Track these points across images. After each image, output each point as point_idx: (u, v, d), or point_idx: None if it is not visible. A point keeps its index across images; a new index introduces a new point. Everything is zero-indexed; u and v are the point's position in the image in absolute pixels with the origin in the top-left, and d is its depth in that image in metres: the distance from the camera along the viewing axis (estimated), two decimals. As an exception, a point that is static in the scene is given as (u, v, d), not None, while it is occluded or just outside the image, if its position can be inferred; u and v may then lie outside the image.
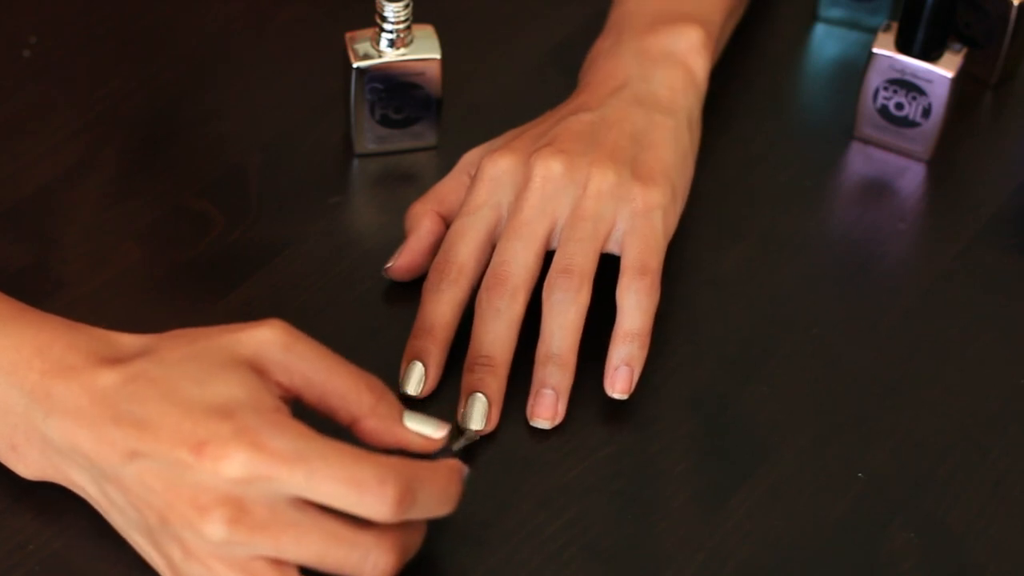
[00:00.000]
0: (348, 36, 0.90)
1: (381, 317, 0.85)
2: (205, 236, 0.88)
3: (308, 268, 0.87)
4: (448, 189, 0.87)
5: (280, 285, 0.87)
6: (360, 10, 0.93)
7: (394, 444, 0.72)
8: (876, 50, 0.93)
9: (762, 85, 0.99)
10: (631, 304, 0.81)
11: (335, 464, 0.67)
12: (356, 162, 0.93)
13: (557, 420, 0.81)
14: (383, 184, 0.93)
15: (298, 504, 0.68)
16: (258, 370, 0.70)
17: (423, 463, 0.70)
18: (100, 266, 0.86)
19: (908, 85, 0.93)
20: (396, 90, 0.90)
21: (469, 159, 0.87)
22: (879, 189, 0.95)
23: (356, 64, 0.89)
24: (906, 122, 0.94)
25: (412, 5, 0.88)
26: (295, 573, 0.69)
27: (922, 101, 0.93)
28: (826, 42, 1.02)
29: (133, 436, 0.68)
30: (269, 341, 0.70)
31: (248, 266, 0.87)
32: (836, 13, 1.03)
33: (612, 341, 0.81)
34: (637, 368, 0.81)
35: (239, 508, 0.67)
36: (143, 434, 0.68)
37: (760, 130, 0.96)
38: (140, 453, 0.68)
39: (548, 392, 0.81)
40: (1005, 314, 0.88)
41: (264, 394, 0.69)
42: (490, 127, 0.89)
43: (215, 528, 0.67)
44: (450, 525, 0.76)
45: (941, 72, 0.92)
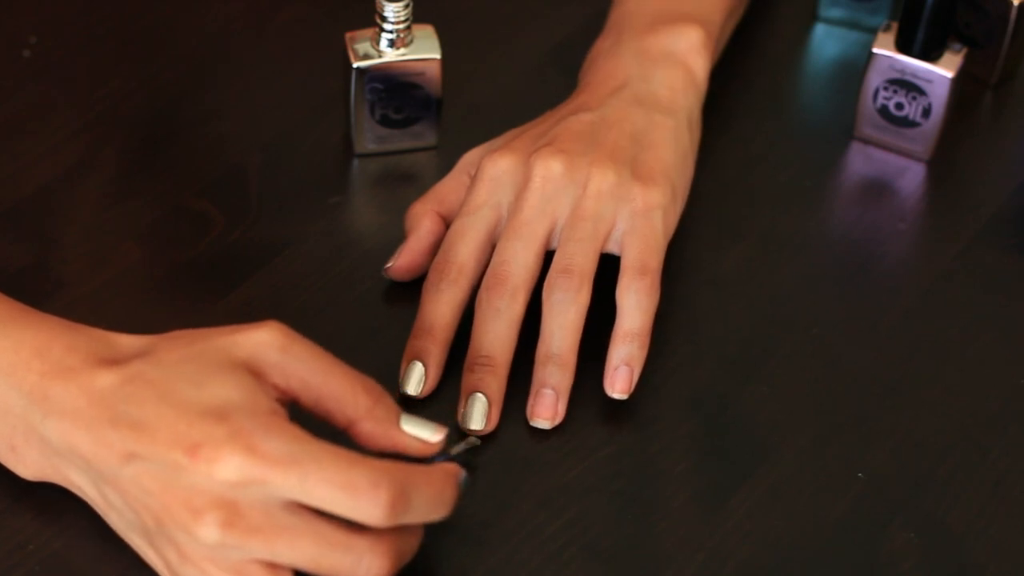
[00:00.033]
0: (348, 36, 0.90)
1: (381, 317, 0.85)
2: (205, 236, 0.88)
3: (308, 268, 0.87)
4: (448, 189, 0.87)
5: (280, 285, 0.87)
6: (360, 10, 0.93)
7: (390, 448, 0.72)
8: (876, 50, 0.93)
9: (762, 85, 0.99)
10: (631, 304, 0.81)
11: (329, 467, 0.67)
12: (356, 162, 0.93)
13: (557, 420, 0.81)
14: (383, 184, 0.93)
15: (292, 508, 0.68)
16: (255, 372, 0.70)
17: (418, 467, 0.70)
18: (100, 266, 0.86)
19: (908, 85, 0.93)
20: (396, 90, 0.90)
21: (469, 159, 0.87)
22: (879, 189, 0.95)
23: (356, 64, 0.89)
24: (906, 122, 0.94)
25: (412, 5, 0.88)
26: None
27: (922, 101, 0.93)
28: (826, 42, 1.02)
29: (130, 438, 0.68)
30: (266, 343, 0.70)
31: (248, 266, 0.87)
32: (836, 13, 1.03)
33: (612, 341, 0.81)
34: (637, 368, 0.81)
35: (233, 511, 0.67)
36: (140, 436, 0.68)
37: (760, 130, 0.96)
38: (137, 455, 0.68)
39: (548, 392, 0.81)
40: (1005, 314, 0.88)
41: (260, 396, 0.69)
42: (490, 127, 0.89)
43: (209, 531, 0.67)
44: (450, 525, 0.76)
45: (941, 72, 0.92)
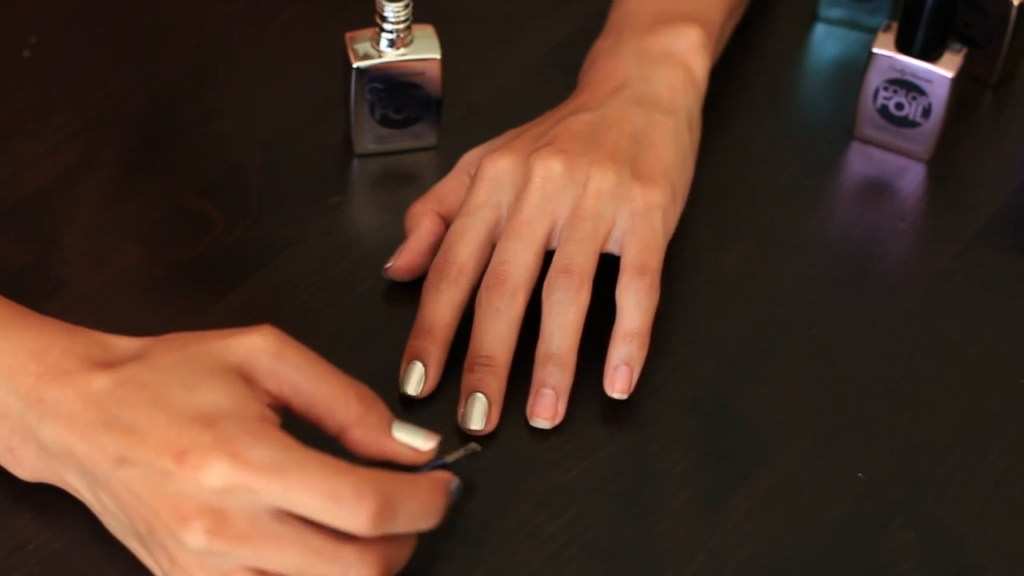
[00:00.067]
0: (348, 36, 0.90)
1: (381, 317, 0.85)
2: (205, 236, 0.88)
3: (308, 268, 0.87)
4: (448, 189, 0.87)
5: (280, 285, 0.87)
6: (360, 10, 0.93)
7: (381, 455, 0.72)
8: (876, 50, 0.93)
9: (762, 85, 0.99)
10: (631, 304, 0.81)
11: (313, 476, 0.67)
12: (356, 162, 0.93)
13: (557, 420, 0.81)
14: (383, 184, 0.93)
15: (280, 516, 0.67)
16: (247, 377, 0.70)
17: (406, 477, 0.70)
18: (100, 266, 0.86)
19: (908, 85, 0.93)
20: (396, 90, 0.90)
21: (469, 159, 0.87)
22: (879, 189, 0.95)
23: (356, 64, 0.89)
24: (906, 122, 0.94)
25: (412, 5, 0.88)
26: None
27: (922, 101, 0.93)
28: (826, 42, 1.02)
29: (122, 442, 0.68)
30: (258, 348, 0.70)
31: (248, 266, 0.87)
32: (836, 13, 1.03)
33: (612, 341, 0.81)
34: (637, 368, 0.81)
35: (219, 519, 0.67)
36: (131, 440, 0.68)
37: (760, 130, 0.96)
38: (128, 460, 0.68)
39: (548, 392, 0.81)
40: (1005, 314, 0.88)
41: (249, 402, 0.69)
42: (490, 127, 0.89)
43: (195, 538, 0.67)
44: (450, 525, 0.76)
45: (941, 72, 0.92)
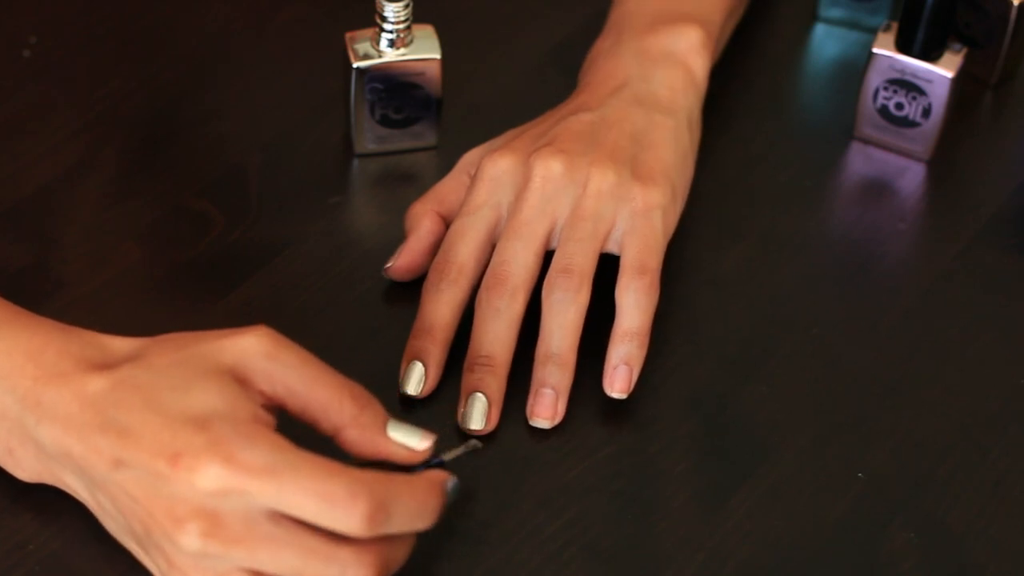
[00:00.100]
0: (348, 36, 0.90)
1: (381, 317, 0.85)
2: (205, 236, 0.88)
3: (308, 268, 0.87)
4: (448, 189, 0.87)
5: (280, 285, 0.87)
6: (360, 10, 0.93)
7: (376, 455, 0.72)
8: (876, 50, 0.93)
9: (762, 85, 0.99)
10: (630, 303, 0.81)
11: (306, 478, 0.67)
12: (356, 162, 0.93)
13: (557, 420, 0.81)
14: (383, 184, 0.93)
15: (275, 517, 0.67)
16: (241, 378, 0.70)
17: (400, 477, 0.69)
18: (100, 266, 0.86)
19: (908, 85, 0.93)
20: (396, 90, 0.90)
21: (469, 159, 0.87)
22: (879, 189, 0.95)
23: (356, 64, 0.89)
24: (906, 122, 0.94)
25: (412, 5, 0.88)
26: None
27: (922, 101, 0.93)
28: (826, 42, 1.02)
29: (117, 444, 0.68)
30: (252, 349, 0.70)
31: (248, 266, 0.87)
32: (836, 13, 1.03)
33: (611, 340, 0.81)
34: (636, 367, 0.81)
35: (213, 521, 0.67)
36: (126, 442, 0.68)
37: (760, 130, 0.96)
38: (123, 462, 0.68)
39: (548, 392, 0.81)
40: (1005, 314, 0.88)
41: (242, 403, 0.69)
42: (490, 127, 0.89)
43: (190, 540, 0.67)
44: (450, 525, 0.76)
45: (941, 72, 0.92)
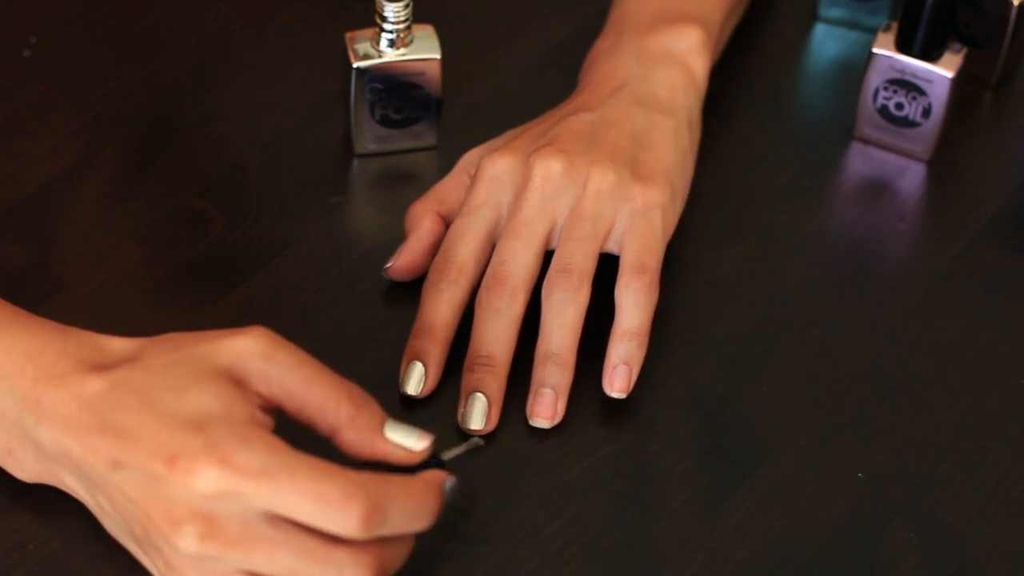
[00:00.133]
0: (348, 36, 0.90)
1: (381, 317, 0.85)
2: (205, 236, 0.88)
3: (308, 268, 0.87)
4: (448, 189, 0.87)
5: (280, 285, 0.87)
6: (360, 10, 0.93)
7: (373, 456, 0.71)
8: (876, 50, 0.93)
9: (762, 85, 0.99)
10: (629, 303, 0.81)
11: (302, 479, 0.67)
12: (356, 162, 0.93)
13: (556, 419, 0.81)
14: (383, 184, 0.93)
15: (271, 519, 0.67)
16: (237, 379, 0.70)
17: (397, 479, 0.69)
18: (100, 266, 0.86)
19: (908, 85, 0.93)
20: (396, 90, 0.90)
21: (469, 159, 0.87)
22: (879, 189, 0.95)
23: (356, 64, 0.89)
24: (906, 122, 0.94)
25: (412, 5, 0.88)
26: None
27: (922, 101, 0.93)
28: (826, 42, 1.02)
29: (115, 446, 0.68)
30: (248, 351, 0.70)
31: (248, 266, 0.87)
32: (836, 13, 1.03)
33: (611, 340, 0.81)
34: (636, 367, 0.81)
35: (210, 523, 0.67)
36: (124, 444, 0.68)
37: (760, 130, 0.96)
38: (121, 463, 0.68)
39: (547, 391, 0.81)
40: (1005, 314, 0.88)
41: (238, 405, 0.69)
42: (490, 127, 0.89)
43: (187, 542, 0.67)
44: (450, 525, 0.76)
45: (941, 72, 0.92)
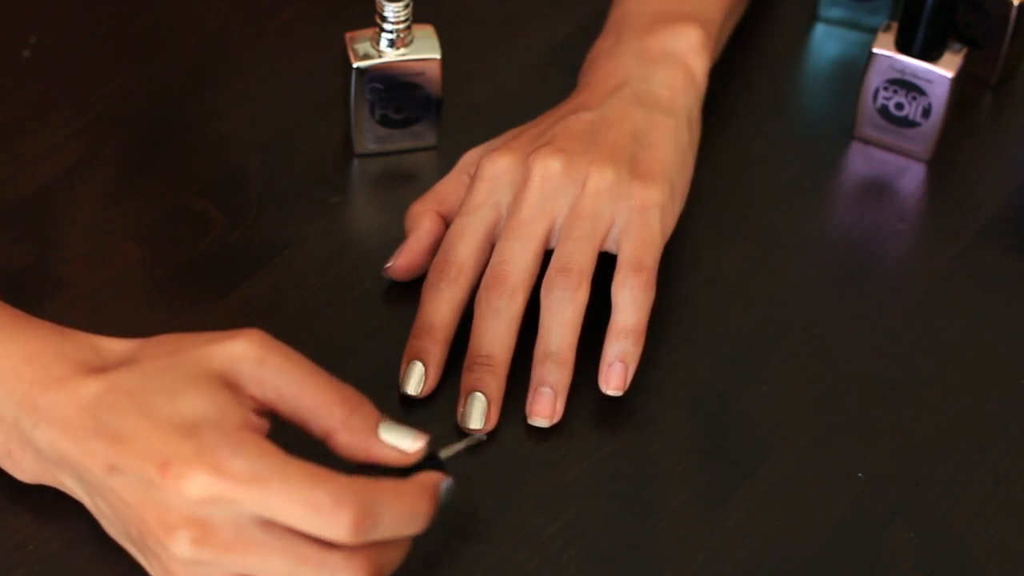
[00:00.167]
0: (348, 36, 0.90)
1: (381, 317, 0.85)
2: (205, 236, 0.88)
3: (308, 268, 0.87)
4: (448, 189, 0.87)
5: (280, 285, 0.87)
6: (360, 10, 0.93)
7: (367, 459, 0.71)
8: (876, 50, 0.93)
9: (762, 85, 0.99)
10: (626, 300, 0.81)
11: (293, 486, 0.67)
12: (356, 162, 0.93)
13: (555, 419, 0.81)
14: (383, 184, 0.93)
15: (265, 524, 0.67)
16: (231, 384, 0.70)
17: (388, 484, 0.69)
18: (100, 266, 0.86)
19: (908, 85, 0.93)
20: (396, 90, 0.90)
21: (469, 159, 0.87)
22: (879, 189, 0.95)
23: (356, 64, 0.89)
24: (906, 122, 0.94)
25: (412, 5, 0.88)
26: None
27: (922, 101, 0.93)
28: (826, 42, 1.02)
29: (111, 449, 0.68)
30: (241, 354, 0.70)
31: (248, 266, 0.87)
32: (836, 13, 1.03)
33: (607, 337, 0.81)
34: (632, 364, 0.81)
35: (204, 528, 0.67)
36: (119, 448, 0.68)
37: (760, 130, 0.96)
38: (117, 467, 0.68)
39: (546, 391, 0.81)
40: (1005, 314, 0.88)
41: (232, 410, 0.69)
42: (490, 127, 0.89)
43: (181, 547, 0.67)
44: (450, 525, 0.76)
45: (941, 72, 0.92)
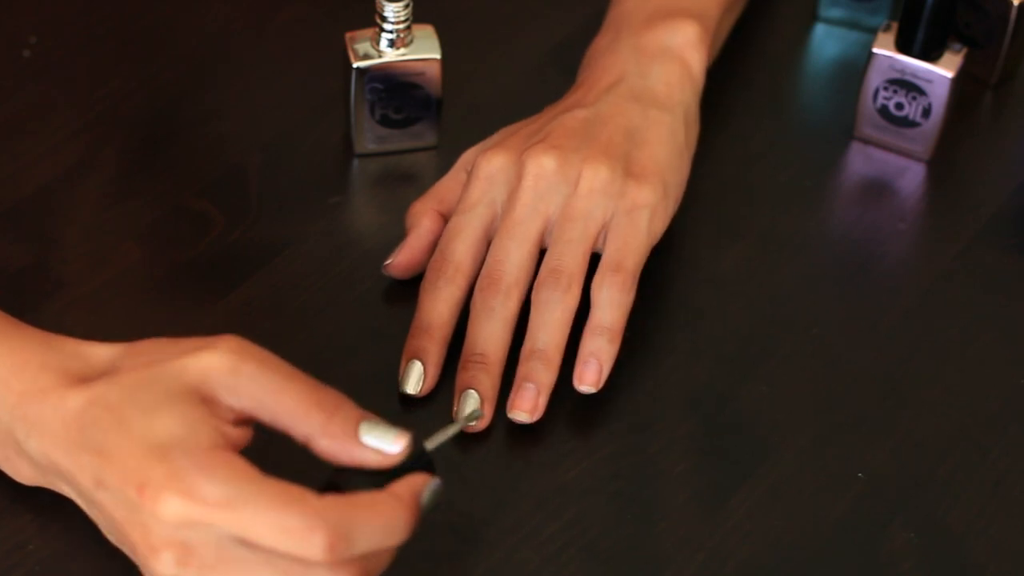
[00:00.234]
0: (348, 36, 0.90)
1: (381, 317, 0.85)
2: (205, 236, 0.88)
3: (308, 268, 0.87)
4: (447, 188, 0.87)
5: (280, 285, 0.87)
6: (360, 10, 0.93)
7: (349, 463, 0.70)
8: (876, 50, 0.93)
9: (762, 84, 0.99)
10: (603, 299, 0.81)
11: (263, 511, 0.66)
12: (356, 162, 0.93)
13: (536, 415, 0.81)
14: (383, 184, 0.93)
15: (245, 542, 0.67)
16: (206, 397, 0.69)
17: (363, 499, 0.68)
18: (100, 266, 0.86)
19: (908, 85, 0.93)
20: (396, 90, 0.90)
21: (467, 157, 0.87)
22: (879, 189, 0.95)
23: (356, 64, 0.89)
24: (906, 122, 0.94)
25: (412, 5, 0.88)
26: None
27: (922, 101, 0.93)
28: (826, 42, 1.02)
29: (96, 464, 0.68)
30: (214, 366, 0.69)
31: (248, 266, 0.87)
32: (836, 13, 1.03)
33: (583, 335, 0.81)
34: (607, 362, 0.81)
35: (185, 550, 0.67)
36: (103, 464, 0.68)
37: (760, 129, 0.96)
38: (103, 483, 0.68)
39: (530, 386, 0.80)
40: (1005, 314, 0.88)
41: (203, 429, 0.68)
42: (490, 127, 0.89)
43: (165, 568, 0.67)
44: (450, 525, 0.76)
45: (941, 72, 0.92)
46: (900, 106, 0.94)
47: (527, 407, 0.81)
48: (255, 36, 0.99)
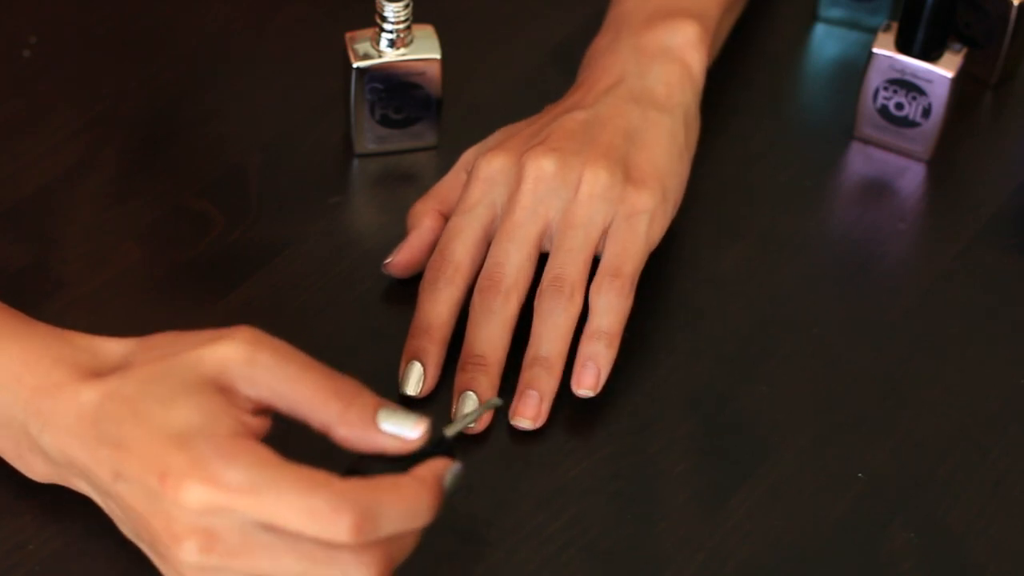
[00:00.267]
0: (348, 36, 0.90)
1: (381, 317, 0.85)
2: (205, 236, 0.88)
3: (308, 268, 0.87)
4: (448, 188, 0.87)
5: (280, 285, 0.87)
6: (360, 10, 0.93)
7: (369, 450, 0.70)
8: (876, 50, 0.93)
9: (762, 84, 0.99)
10: (601, 304, 0.81)
11: (288, 494, 0.66)
12: (356, 162, 0.93)
13: (539, 422, 0.81)
14: (383, 184, 0.93)
15: (270, 527, 0.67)
16: (223, 387, 0.69)
17: (387, 482, 0.68)
18: (100, 266, 0.86)
19: (908, 85, 0.93)
20: (396, 90, 0.90)
21: (467, 158, 0.88)
22: (879, 189, 0.95)
23: (356, 64, 0.89)
24: (906, 122, 0.94)
25: (412, 5, 0.88)
26: None
27: (922, 101, 0.93)
28: (826, 42, 1.02)
29: (115, 458, 0.68)
30: (231, 356, 0.69)
31: (248, 266, 0.87)
32: (836, 13, 1.03)
33: (581, 339, 0.81)
34: (604, 366, 0.81)
35: (209, 536, 0.67)
36: (122, 456, 0.68)
37: (760, 129, 0.96)
38: (122, 475, 0.68)
39: (533, 393, 0.81)
40: (1005, 314, 0.88)
41: (223, 418, 0.68)
42: (490, 127, 0.89)
43: (189, 556, 0.67)
44: (450, 525, 0.76)
45: (941, 72, 0.92)
46: (900, 106, 0.94)
47: (530, 414, 0.81)
48: (255, 36, 0.99)
